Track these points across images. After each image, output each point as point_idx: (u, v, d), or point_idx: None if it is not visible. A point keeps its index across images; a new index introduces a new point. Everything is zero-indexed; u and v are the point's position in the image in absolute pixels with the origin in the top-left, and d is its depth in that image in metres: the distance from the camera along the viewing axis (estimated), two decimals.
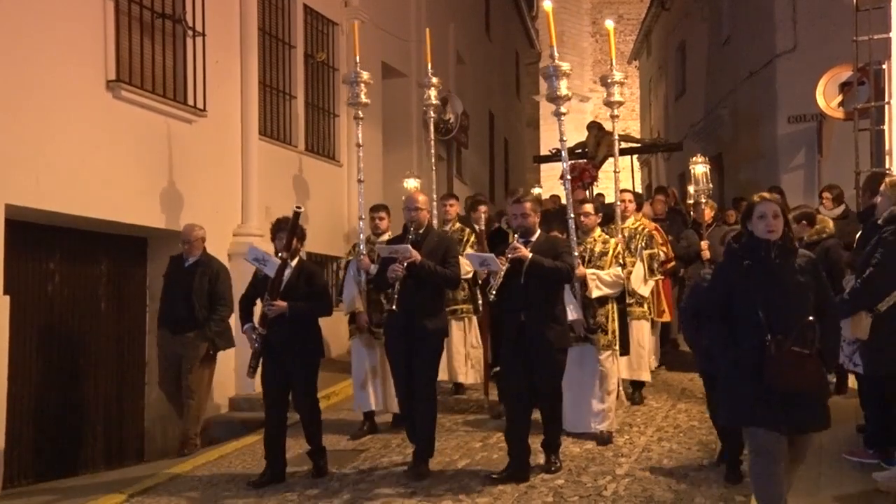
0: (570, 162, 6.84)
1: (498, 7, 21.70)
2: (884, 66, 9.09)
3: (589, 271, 6.39)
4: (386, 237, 7.03)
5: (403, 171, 12.75)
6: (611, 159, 8.29)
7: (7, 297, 6.34)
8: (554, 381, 5.72)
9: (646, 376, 7.76)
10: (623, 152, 18.26)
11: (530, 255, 5.54)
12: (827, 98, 11.50)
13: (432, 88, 8.23)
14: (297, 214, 5.89)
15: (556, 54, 6.43)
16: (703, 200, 8.62)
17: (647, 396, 7.90)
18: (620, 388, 7.10)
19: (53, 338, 7.30)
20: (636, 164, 23.14)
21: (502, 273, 5.52)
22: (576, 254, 6.26)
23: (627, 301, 7.04)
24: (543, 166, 23.10)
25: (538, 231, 5.83)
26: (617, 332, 6.56)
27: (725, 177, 17.05)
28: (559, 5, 24.90)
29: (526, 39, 25.84)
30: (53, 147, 6.66)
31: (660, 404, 7.69)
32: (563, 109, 6.50)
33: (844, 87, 11.13)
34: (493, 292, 5.58)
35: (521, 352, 5.63)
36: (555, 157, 16.12)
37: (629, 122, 30.40)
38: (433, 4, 14.17)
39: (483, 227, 7.58)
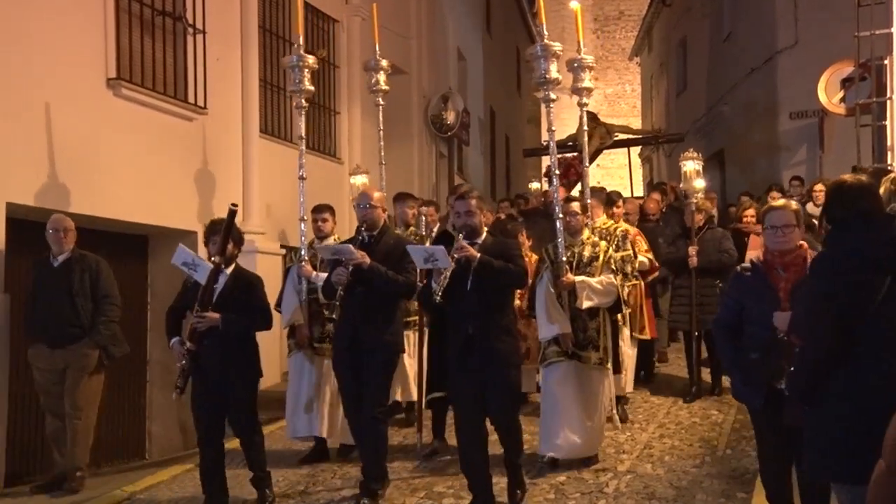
0: (557, 156, 6.40)
1: (498, 3, 21.68)
2: (885, 62, 9.08)
3: (578, 279, 5.67)
4: (331, 241, 6.27)
5: (405, 168, 12.79)
6: (604, 152, 7.92)
7: (7, 296, 6.35)
8: (508, 401, 4.98)
9: (628, 388, 7.15)
10: (621, 144, 17.89)
11: (478, 255, 4.82)
12: (828, 94, 11.49)
13: (381, 73, 7.25)
14: (232, 213, 5.18)
15: (546, 33, 5.77)
16: (694, 201, 7.74)
17: (649, 393, 7.89)
18: (614, 411, 6.37)
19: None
20: (637, 160, 22.93)
21: (449, 273, 4.78)
22: (563, 258, 5.68)
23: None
24: (545, 161, 23.08)
25: (485, 233, 5.11)
26: (609, 348, 5.87)
27: (727, 173, 17.03)
28: (559, 2, 24.86)
29: (527, 36, 25.79)
30: (54, 145, 6.66)
31: (661, 401, 7.68)
32: (552, 95, 5.87)
33: (846, 82, 11.12)
34: (439, 294, 4.77)
35: (470, 369, 4.88)
36: (545, 149, 15.83)
37: (630, 119, 30.39)
38: (433, 1, 14.16)
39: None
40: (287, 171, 9.86)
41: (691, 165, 7.91)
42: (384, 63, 7.23)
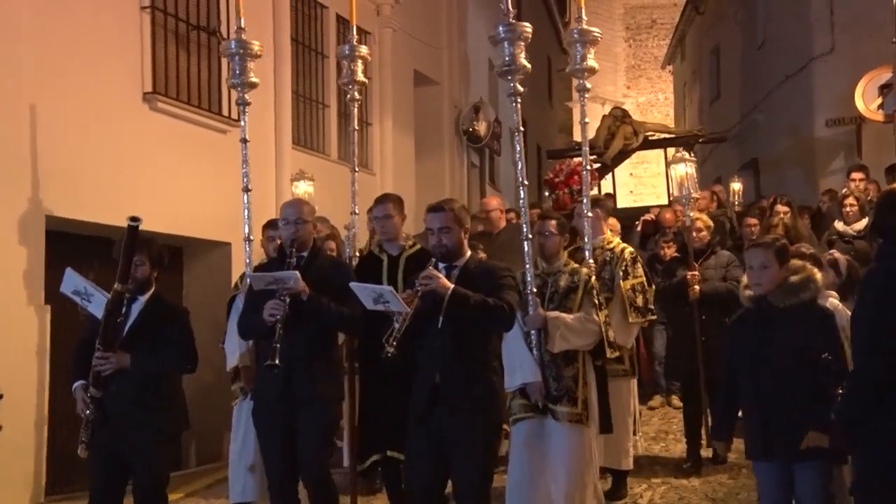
0: (564, 160, 5.78)
1: (529, 14, 21.69)
2: None
3: (551, 315, 4.48)
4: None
5: (436, 179, 12.83)
6: (636, 159, 7.22)
7: (48, 307, 6.46)
8: (478, 479, 3.95)
9: (626, 463, 5.54)
10: (654, 145, 16.92)
11: (451, 286, 3.89)
12: (866, 100, 11.35)
13: (359, 61, 5.80)
14: (131, 229, 4.13)
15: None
16: (692, 215, 6.27)
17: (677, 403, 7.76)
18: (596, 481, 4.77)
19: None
20: (664, 168, 22.43)
21: (408, 315, 3.82)
22: (532, 289, 4.49)
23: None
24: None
25: (467, 254, 4.17)
26: (591, 401, 4.60)
27: (762, 182, 16.85)
28: (590, 10, 24.81)
29: (558, 46, 25.77)
30: (91, 158, 6.78)
31: None
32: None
33: (884, 89, 10.98)
34: (393, 345, 3.79)
35: (432, 427, 3.96)
36: (570, 150, 15.41)
37: None
38: (465, 13, 14.22)
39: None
40: (319, 183, 9.95)
41: (682, 169, 6.45)
42: (363, 50, 5.84)
